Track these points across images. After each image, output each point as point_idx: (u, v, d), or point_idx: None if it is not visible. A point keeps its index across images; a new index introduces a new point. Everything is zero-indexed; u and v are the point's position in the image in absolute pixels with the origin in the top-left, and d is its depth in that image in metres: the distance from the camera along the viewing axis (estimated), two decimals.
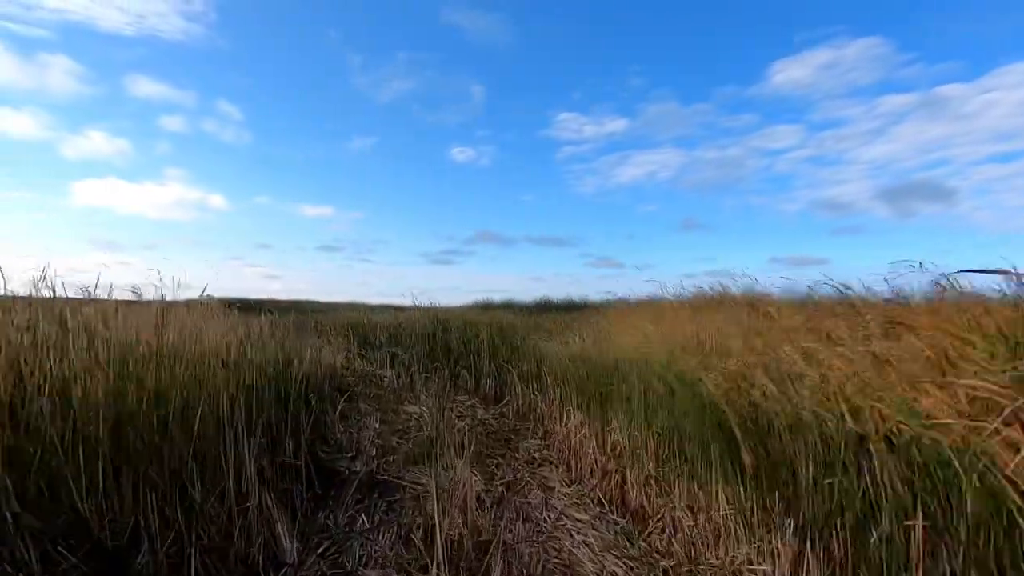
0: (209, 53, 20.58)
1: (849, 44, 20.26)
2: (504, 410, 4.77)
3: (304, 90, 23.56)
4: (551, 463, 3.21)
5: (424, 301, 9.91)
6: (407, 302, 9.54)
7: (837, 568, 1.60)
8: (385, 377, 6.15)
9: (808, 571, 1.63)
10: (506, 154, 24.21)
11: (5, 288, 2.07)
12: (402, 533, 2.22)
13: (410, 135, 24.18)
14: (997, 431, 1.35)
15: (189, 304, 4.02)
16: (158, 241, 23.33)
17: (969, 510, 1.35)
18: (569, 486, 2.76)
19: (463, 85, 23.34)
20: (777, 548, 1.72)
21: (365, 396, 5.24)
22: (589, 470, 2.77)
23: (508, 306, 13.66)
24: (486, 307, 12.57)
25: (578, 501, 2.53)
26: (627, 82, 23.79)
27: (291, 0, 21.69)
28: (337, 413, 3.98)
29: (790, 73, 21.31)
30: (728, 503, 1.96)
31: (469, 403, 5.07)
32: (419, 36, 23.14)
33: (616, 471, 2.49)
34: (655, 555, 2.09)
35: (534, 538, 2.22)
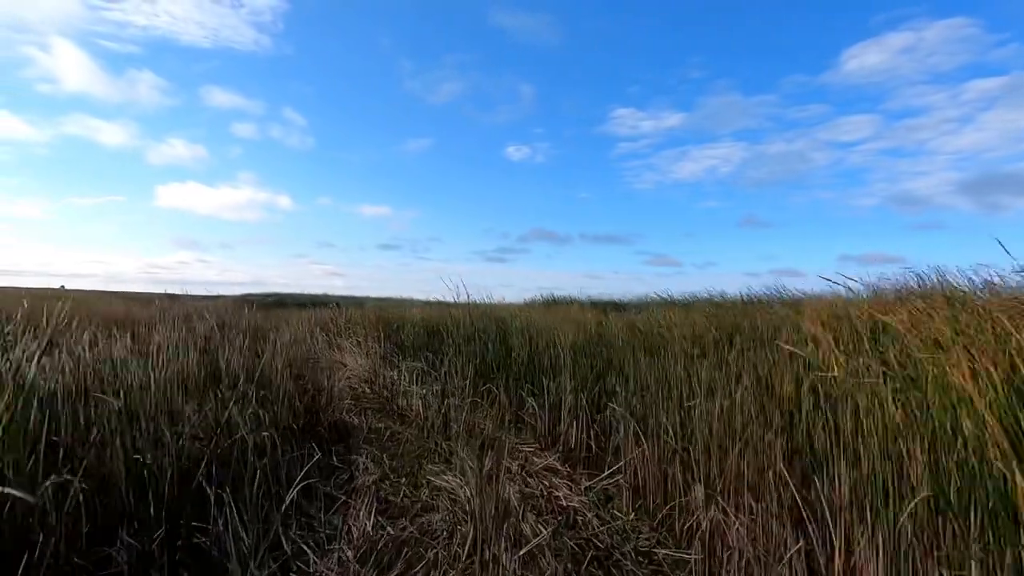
0: (276, 61, 21.71)
1: (931, 25, 17.53)
2: (609, 489, 2.57)
3: (361, 96, 25.46)
4: None
5: (478, 297, 7.94)
6: (464, 298, 7.62)
7: None
8: (414, 401, 4.15)
9: None
10: (562, 151, 23.61)
11: None
12: None
13: (464, 135, 25.57)
14: None
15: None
16: (233, 240, 24.91)
17: None
18: None
19: (512, 85, 23.37)
20: None
21: (373, 441, 3.26)
22: None
23: (573, 304, 11.40)
24: (551, 303, 10.39)
25: None
26: (686, 74, 21.85)
27: (346, 10, 22.69)
28: (291, 499, 1.98)
29: (864, 59, 18.38)
30: None
31: (542, 464, 2.91)
32: (465, 39, 23.73)
33: None
34: None
35: None
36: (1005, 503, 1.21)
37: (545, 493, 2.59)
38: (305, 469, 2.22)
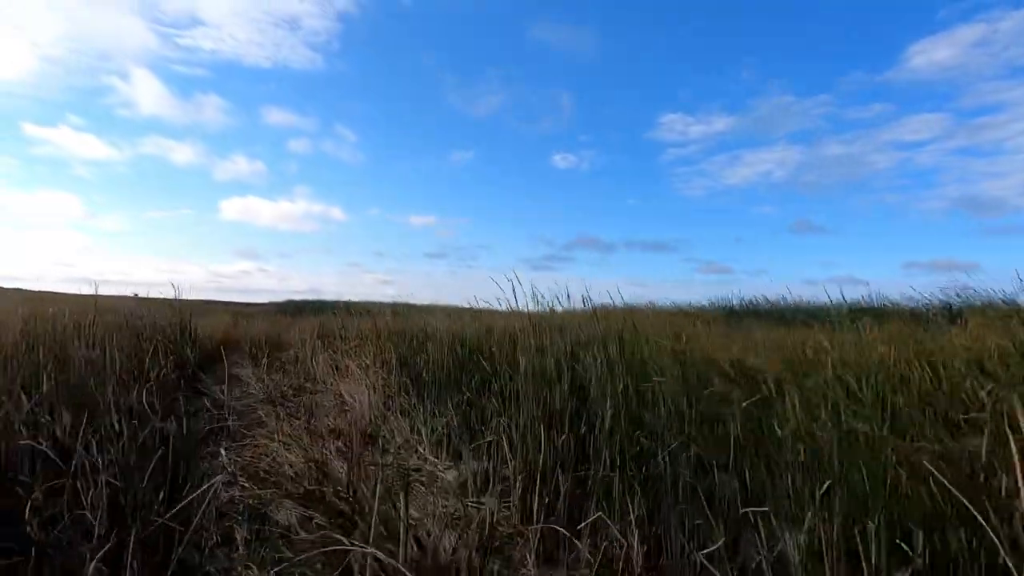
0: (328, 79, 23.81)
1: (1006, 16, 15.53)
2: None
3: (406, 110, 26.34)
4: None
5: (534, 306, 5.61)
6: (524, 306, 5.36)
7: None
8: (426, 481, 1.85)
9: None
10: (609, 158, 23.33)
11: None
12: None
13: (508, 146, 25.46)
14: None
15: None
16: (291, 250, 26.97)
17: None
18: None
19: (555, 96, 24.03)
20: None
21: None
22: None
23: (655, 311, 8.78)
24: (630, 311, 7.84)
25: None
26: (737, 76, 20.90)
27: (392, 28, 24.08)
28: None
29: (932, 55, 16.93)
30: None
31: None
32: (507, 53, 23.94)
33: None
34: None
35: None
36: None
37: None
38: None
